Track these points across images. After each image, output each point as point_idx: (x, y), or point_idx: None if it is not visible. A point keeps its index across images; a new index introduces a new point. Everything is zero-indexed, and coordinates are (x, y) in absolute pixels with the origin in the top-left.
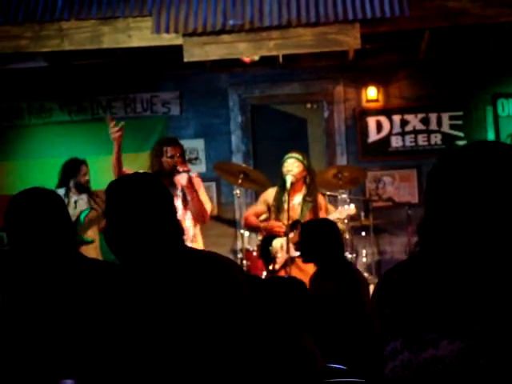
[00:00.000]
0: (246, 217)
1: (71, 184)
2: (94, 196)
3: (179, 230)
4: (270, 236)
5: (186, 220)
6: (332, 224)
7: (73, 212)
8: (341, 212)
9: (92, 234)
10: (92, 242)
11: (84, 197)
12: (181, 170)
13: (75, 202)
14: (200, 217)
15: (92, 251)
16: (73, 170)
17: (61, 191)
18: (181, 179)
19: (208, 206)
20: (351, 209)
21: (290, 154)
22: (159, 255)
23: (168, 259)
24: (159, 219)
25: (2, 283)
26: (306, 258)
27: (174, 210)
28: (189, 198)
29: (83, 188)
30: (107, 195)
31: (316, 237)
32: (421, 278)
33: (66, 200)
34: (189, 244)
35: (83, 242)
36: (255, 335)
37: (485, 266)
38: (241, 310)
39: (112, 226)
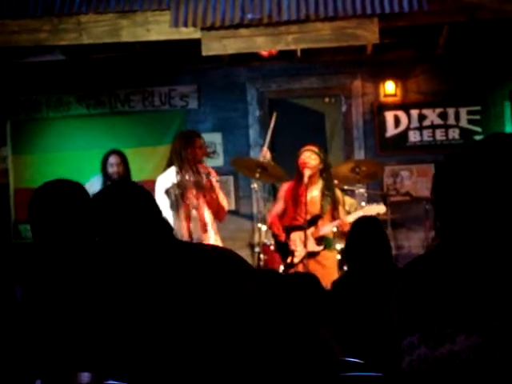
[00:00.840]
0: (270, 221)
1: (104, 174)
2: None
3: (168, 227)
4: (287, 229)
5: (207, 214)
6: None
7: None
8: (369, 210)
9: None
10: None
11: None
12: (201, 171)
13: None
14: (217, 215)
15: None
16: (103, 162)
17: (99, 178)
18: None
19: (225, 204)
20: (381, 207)
21: (306, 147)
22: (152, 252)
23: (164, 255)
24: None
25: (23, 277)
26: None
27: (156, 210)
28: (207, 197)
29: (111, 179)
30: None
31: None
32: (438, 273)
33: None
34: (213, 236)
35: None
36: (262, 330)
37: (501, 261)
38: (241, 305)
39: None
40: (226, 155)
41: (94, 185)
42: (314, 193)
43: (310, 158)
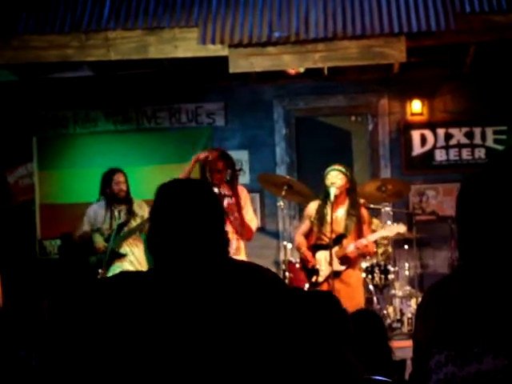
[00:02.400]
0: (295, 241)
1: (108, 195)
2: (133, 207)
3: (225, 240)
4: (313, 248)
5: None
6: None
7: (114, 224)
8: (390, 229)
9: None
10: (125, 255)
11: (122, 208)
12: (222, 192)
13: (118, 213)
14: (244, 235)
15: (127, 265)
16: (106, 180)
17: (103, 203)
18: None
19: (253, 224)
20: (401, 226)
21: (333, 167)
22: (198, 264)
23: (206, 269)
24: (203, 226)
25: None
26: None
27: (221, 220)
28: (231, 217)
29: (117, 198)
30: (155, 197)
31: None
32: (465, 293)
33: (109, 212)
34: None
35: (117, 255)
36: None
37: None
38: (282, 329)
39: (155, 229)
40: (253, 173)
41: (97, 211)
42: (340, 212)
43: (336, 177)
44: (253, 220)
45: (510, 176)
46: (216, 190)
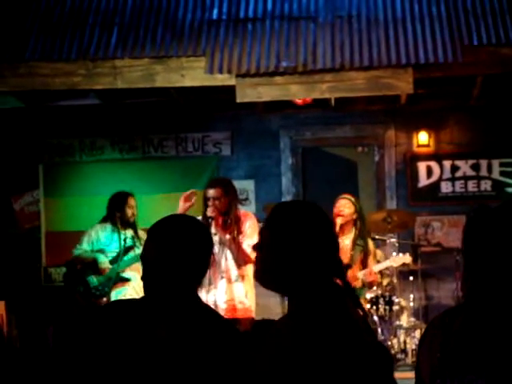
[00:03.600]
0: None
1: (117, 218)
2: (139, 233)
3: (195, 279)
4: None
5: (225, 260)
6: None
7: (119, 248)
8: (395, 260)
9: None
10: (130, 280)
11: (129, 232)
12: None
13: (125, 239)
14: (240, 262)
15: (130, 290)
16: (119, 203)
17: (108, 226)
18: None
19: (251, 250)
20: (406, 257)
21: (342, 195)
22: (169, 299)
23: (174, 306)
24: (183, 264)
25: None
26: None
27: (200, 260)
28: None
29: (128, 222)
30: (150, 228)
31: None
32: (470, 325)
33: (116, 235)
34: (230, 284)
35: (122, 279)
36: None
37: None
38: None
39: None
40: (259, 202)
41: (100, 232)
42: (346, 242)
43: (345, 206)
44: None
45: None
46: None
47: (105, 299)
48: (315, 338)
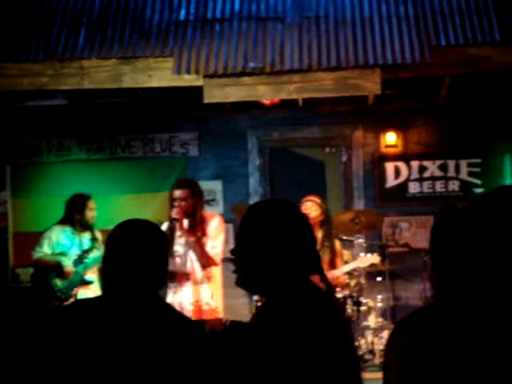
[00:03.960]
0: None
1: (76, 220)
2: (96, 235)
3: (157, 278)
4: None
5: (190, 262)
6: None
7: (79, 250)
8: (363, 260)
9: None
10: (92, 282)
11: (87, 234)
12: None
13: (84, 240)
14: (204, 264)
15: (91, 292)
16: (79, 205)
17: (67, 228)
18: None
19: (215, 252)
20: (374, 257)
21: (307, 198)
22: (131, 297)
23: (137, 303)
24: (143, 262)
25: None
26: None
27: (158, 260)
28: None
29: (87, 225)
30: (113, 230)
31: None
32: (438, 326)
33: (76, 237)
34: (196, 286)
35: (84, 282)
36: None
37: (500, 316)
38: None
39: (107, 257)
40: (226, 203)
41: (59, 235)
42: None
43: (310, 208)
44: (215, 248)
45: (490, 213)
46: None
47: (65, 301)
48: (293, 335)
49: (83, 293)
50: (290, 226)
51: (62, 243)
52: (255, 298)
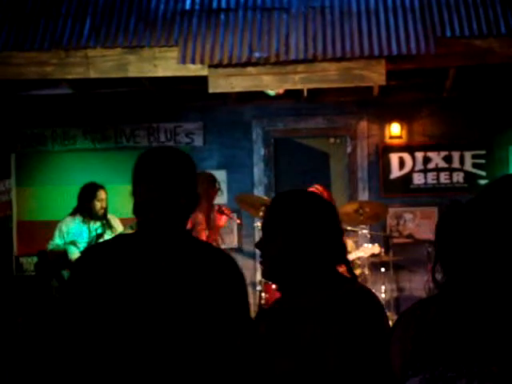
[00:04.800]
0: None
1: (85, 210)
2: (111, 221)
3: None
4: None
5: None
6: None
7: (82, 237)
8: (365, 250)
9: None
10: None
11: (97, 223)
12: (227, 214)
13: (96, 229)
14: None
15: None
16: (88, 196)
17: (77, 218)
18: (221, 220)
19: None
20: (375, 247)
21: (311, 188)
22: (165, 233)
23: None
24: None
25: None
26: None
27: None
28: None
29: (97, 215)
30: (138, 160)
31: None
32: (443, 316)
33: (86, 226)
34: None
35: None
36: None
37: (505, 308)
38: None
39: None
40: (230, 193)
41: (70, 225)
42: None
43: None
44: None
45: (494, 205)
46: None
47: None
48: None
49: None
50: (320, 217)
51: (71, 232)
52: (258, 288)
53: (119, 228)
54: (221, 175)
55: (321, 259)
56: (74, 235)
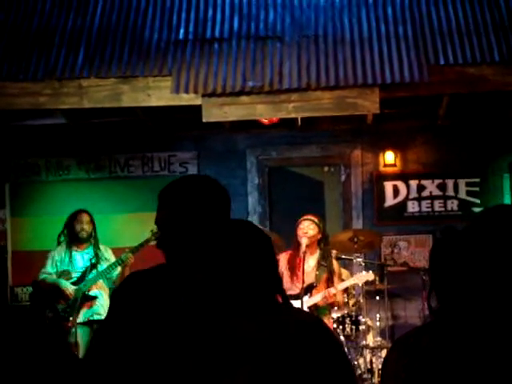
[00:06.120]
0: None
1: (70, 237)
2: (102, 250)
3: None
4: None
5: None
6: None
7: (72, 266)
8: (359, 278)
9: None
10: (97, 297)
11: (89, 250)
12: None
13: (80, 255)
14: None
15: (99, 308)
16: (69, 219)
17: (62, 246)
18: None
19: None
20: (370, 274)
21: (305, 217)
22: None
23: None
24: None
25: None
26: None
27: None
28: None
29: (78, 238)
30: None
31: None
32: (435, 345)
33: (73, 253)
34: None
35: (88, 298)
36: None
37: (497, 336)
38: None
39: None
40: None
41: (60, 253)
42: (311, 262)
43: (308, 227)
44: None
45: (487, 234)
46: None
47: (71, 319)
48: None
49: (89, 311)
50: (256, 249)
51: (64, 261)
52: None
53: (112, 259)
54: None
55: (257, 289)
56: (65, 264)
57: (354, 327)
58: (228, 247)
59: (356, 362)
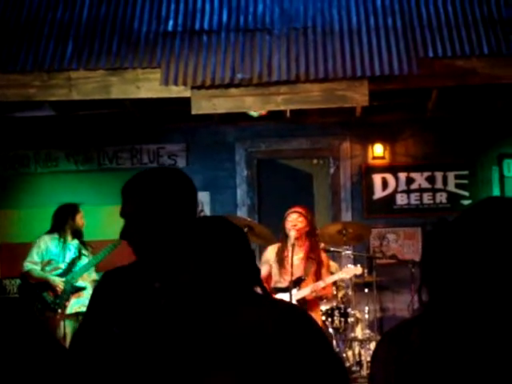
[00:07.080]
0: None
1: (67, 228)
2: (86, 244)
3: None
4: (273, 291)
5: None
6: None
7: (63, 257)
8: (347, 271)
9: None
10: (85, 288)
11: (75, 242)
12: None
13: (72, 247)
14: None
15: (87, 299)
16: (70, 213)
17: (56, 236)
18: None
19: None
20: (358, 268)
21: (293, 209)
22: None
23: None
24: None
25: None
26: None
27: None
28: None
29: (77, 232)
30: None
31: None
32: (425, 337)
33: (64, 245)
34: None
35: (76, 289)
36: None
37: (488, 329)
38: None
39: None
40: (214, 214)
41: (49, 243)
42: (299, 255)
43: (296, 220)
44: None
45: (479, 226)
46: None
47: (60, 311)
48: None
49: (79, 300)
50: (231, 242)
51: (50, 250)
52: None
53: (88, 253)
54: (204, 197)
55: (234, 282)
56: (53, 254)
57: (342, 320)
58: (199, 241)
59: (345, 355)
